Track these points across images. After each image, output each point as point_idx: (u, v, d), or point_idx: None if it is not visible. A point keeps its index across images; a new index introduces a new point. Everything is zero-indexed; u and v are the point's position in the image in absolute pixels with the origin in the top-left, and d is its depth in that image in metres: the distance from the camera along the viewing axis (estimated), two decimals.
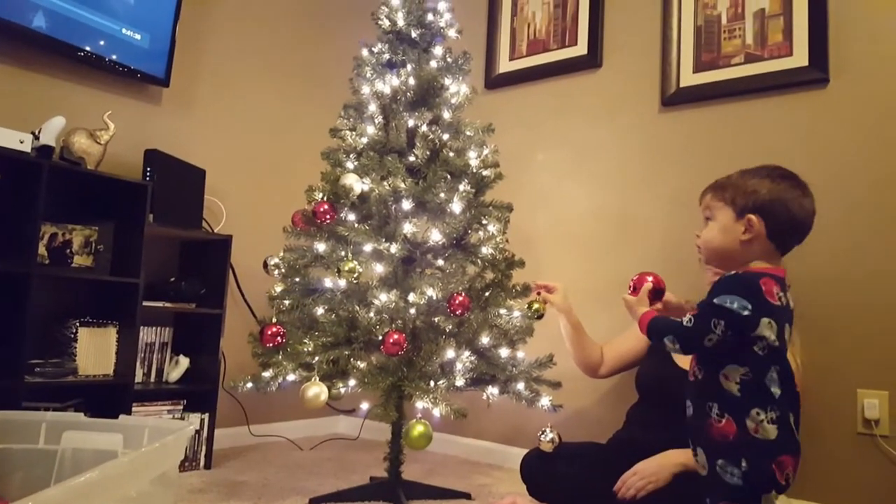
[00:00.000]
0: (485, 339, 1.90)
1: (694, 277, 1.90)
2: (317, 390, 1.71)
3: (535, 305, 1.95)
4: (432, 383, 1.76)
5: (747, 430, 1.08)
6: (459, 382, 1.80)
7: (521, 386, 1.91)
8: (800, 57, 2.21)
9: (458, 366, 1.81)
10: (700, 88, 2.40)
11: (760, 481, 1.07)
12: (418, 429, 1.67)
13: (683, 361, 1.77)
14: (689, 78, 2.44)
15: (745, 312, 1.07)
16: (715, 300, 1.11)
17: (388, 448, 2.00)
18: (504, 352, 1.92)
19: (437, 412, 1.70)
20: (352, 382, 1.85)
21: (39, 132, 2.03)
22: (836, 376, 2.00)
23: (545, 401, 1.91)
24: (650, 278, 1.41)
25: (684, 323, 1.13)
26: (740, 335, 1.08)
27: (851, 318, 2.01)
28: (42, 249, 2.05)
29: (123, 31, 2.39)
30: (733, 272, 1.17)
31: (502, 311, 1.95)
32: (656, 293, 1.40)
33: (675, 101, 2.46)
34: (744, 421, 1.08)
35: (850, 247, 2.05)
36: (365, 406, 1.98)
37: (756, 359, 1.09)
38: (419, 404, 1.72)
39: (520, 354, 1.96)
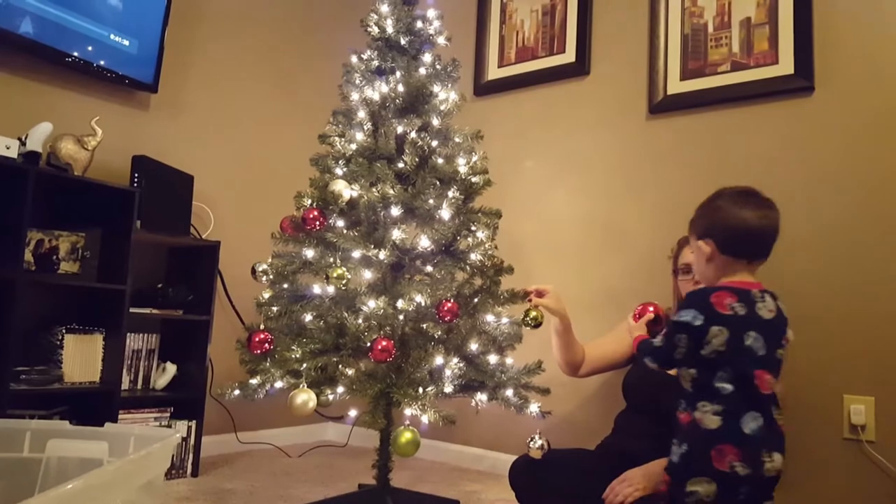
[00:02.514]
0: (473, 346, 1.90)
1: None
2: (305, 397, 1.70)
3: (533, 313, 1.88)
4: (421, 390, 1.75)
5: (695, 419, 1.23)
6: (448, 389, 1.80)
7: (509, 392, 1.90)
8: (785, 65, 2.23)
9: (447, 372, 1.81)
10: (687, 96, 2.43)
11: (694, 463, 1.21)
12: (406, 436, 1.66)
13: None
14: (676, 86, 2.46)
15: (698, 322, 1.23)
16: (675, 318, 1.28)
17: (376, 455, 2.00)
18: (493, 358, 1.92)
19: (425, 419, 1.69)
20: (340, 389, 1.85)
21: (26, 138, 2.02)
22: (822, 382, 2.02)
23: (534, 407, 1.91)
24: (651, 308, 1.64)
25: (656, 343, 1.31)
26: (697, 342, 1.24)
27: (837, 324, 2.03)
28: (28, 256, 2.04)
29: (112, 36, 2.39)
30: (692, 290, 1.34)
31: (491, 317, 1.95)
32: (656, 321, 1.61)
33: (662, 108, 2.48)
34: (693, 411, 1.24)
35: (837, 253, 2.07)
36: (353, 413, 1.97)
37: (705, 361, 1.24)
38: (407, 411, 1.71)
39: (508, 361, 1.96)
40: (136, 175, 2.28)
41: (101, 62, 2.35)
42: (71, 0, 2.25)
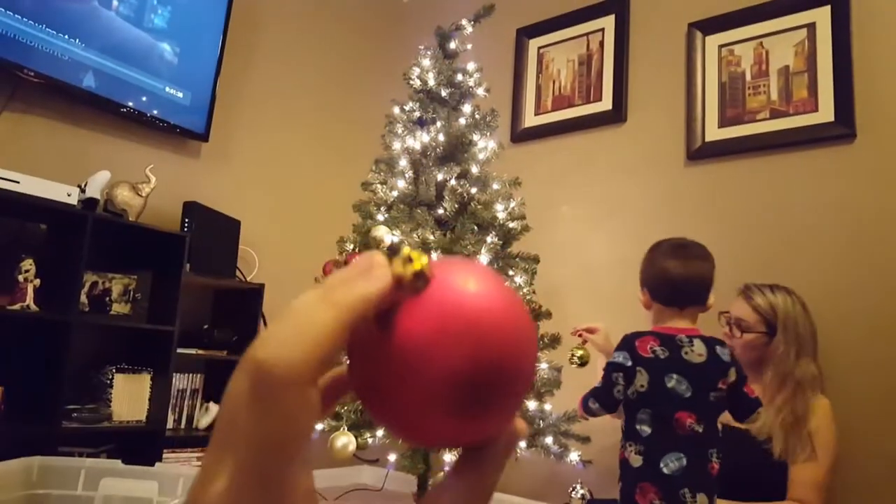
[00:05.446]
0: None
1: (714, 328, 1.88)
2: (345, 440, 1.72)
3: (580, 352, 1.84)
4: None
5: (626, 457, 1.32)
6: None
7: (549, 440, 1.89)
8: (825, 113, 2.23)
9: None
10: (725, 143, 2.43)
11: (625, 499, 1.31)
12: None
13: None
14: (714, 133, 2.47)
15: (629, 363, 1.32)
16: (609, 360, 1.37)
17: (413, 501, 1.99)
18: (531, 404, 1.92)
19: None
20: (379, 433, 1.86)
21: (86, 185, 2.13)
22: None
23: (574, 456, 1.88)
24: None
25: (596, 385, 1.37)
26: (629, 382, 1.32)
27: (886, 380, 1.96)
28: (83, 297, 2.13)
29: (167, 89, 2.52)
30: (630, 333, 1.40)
31: None
32: None
33: (700, 155, 2.49)
34: (624, 450, 1.33)
35: (884, 303, 2.01)
36: (392, 457, 1.97)
37: (628, 402, 1.32)
38: (447, 456, 1.71)
39: (547, 407, 1.95)
40: (187, 220, 2.37)
41: (155, 112, 2.48)
42: (131, 56, 2.40)
